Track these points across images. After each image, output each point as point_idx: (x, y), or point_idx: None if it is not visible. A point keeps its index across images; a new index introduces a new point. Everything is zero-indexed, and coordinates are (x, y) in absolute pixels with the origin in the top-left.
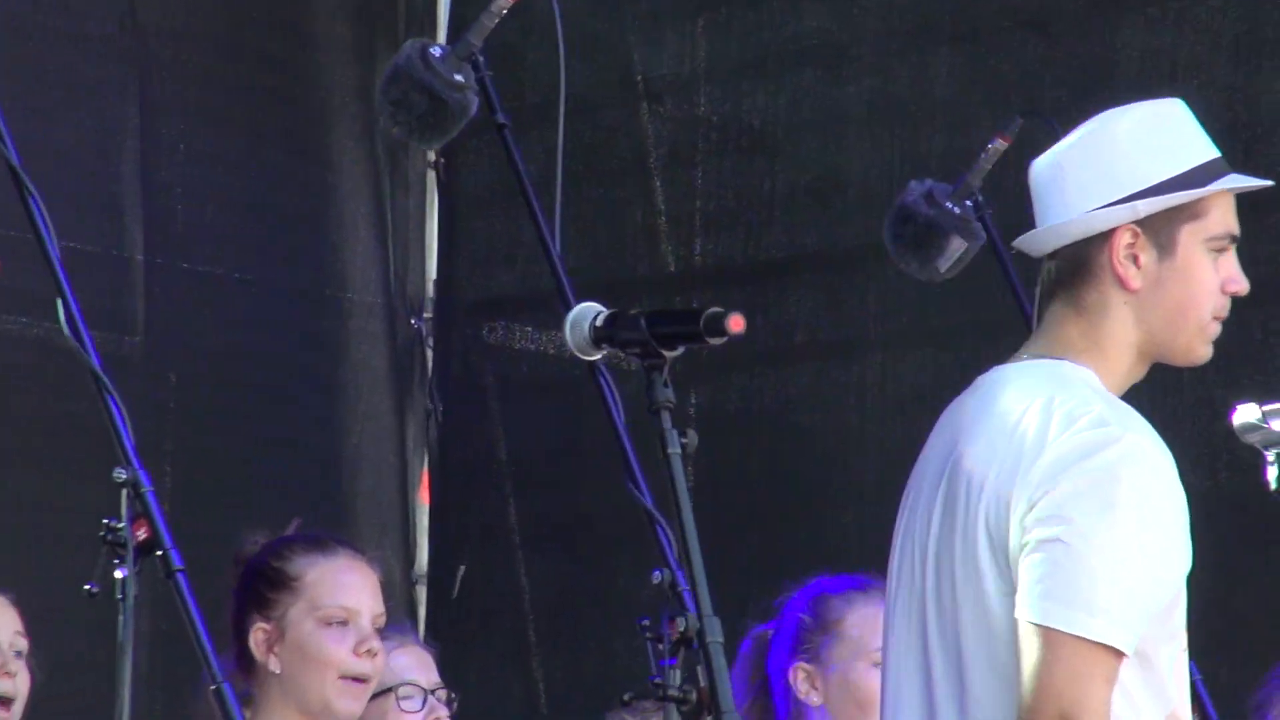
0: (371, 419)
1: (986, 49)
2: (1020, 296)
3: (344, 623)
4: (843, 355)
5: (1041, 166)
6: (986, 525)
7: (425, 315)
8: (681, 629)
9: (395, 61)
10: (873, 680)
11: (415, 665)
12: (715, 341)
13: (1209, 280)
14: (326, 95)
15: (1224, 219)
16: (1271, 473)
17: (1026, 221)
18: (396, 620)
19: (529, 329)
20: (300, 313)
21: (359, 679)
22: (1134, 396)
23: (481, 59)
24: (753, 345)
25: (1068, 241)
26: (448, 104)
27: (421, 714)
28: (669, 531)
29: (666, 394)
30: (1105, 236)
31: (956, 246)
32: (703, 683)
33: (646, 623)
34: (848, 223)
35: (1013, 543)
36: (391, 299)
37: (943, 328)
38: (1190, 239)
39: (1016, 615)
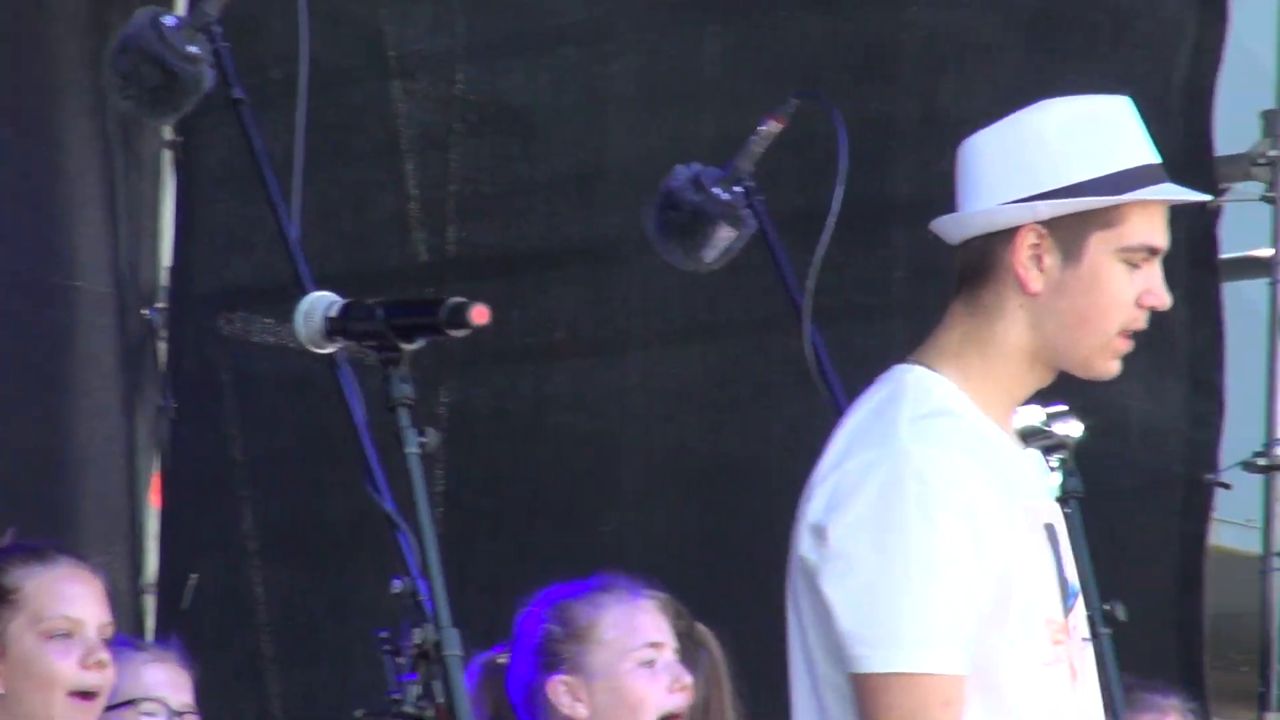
0: (99, 416)
1: (762, 26)
2: (790, 289)
3: (68, 635)
4: (604, 352)
5: (965, 148)
6: (800, 550)
7: (158, 305)
8: (419, 641)
9: (125, 31)
10: (640, 680)
11: (166, 682)
12: (457, 334)
13: (1118, 292)
14: (54, 67)
15: (1142, 230)
16: (1053, 480)
17: (803, 208)
18: (122, 631)
19: (269, 321)
20: (22, 301)
21: (87, 694)
22: None
23: (218, 30)
24: (509, 340)
25: (974, 233)
26: (179, 77)
27: None
28: (411, 537)
29: (405, 390)
30: (1010, 234)
31: (724, 235)
32: (440, 699)
33: (385, 635)
34: (611, 211)
35: (809, 567)
36: (122, 288)
37: (711, 323)
38: (1100, 247)
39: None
